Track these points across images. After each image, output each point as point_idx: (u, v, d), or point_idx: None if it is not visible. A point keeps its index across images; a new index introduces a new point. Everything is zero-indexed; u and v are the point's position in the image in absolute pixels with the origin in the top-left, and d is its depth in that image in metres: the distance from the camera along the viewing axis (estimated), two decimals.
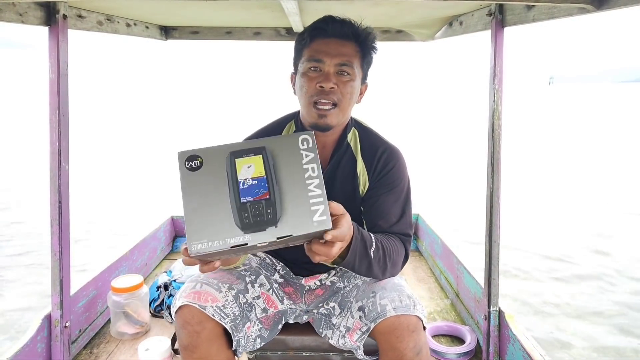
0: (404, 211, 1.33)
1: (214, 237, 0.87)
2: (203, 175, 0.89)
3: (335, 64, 1.24)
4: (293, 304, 1.43)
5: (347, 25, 1.28)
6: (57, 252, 1.65)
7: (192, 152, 0.90)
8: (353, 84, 1.27)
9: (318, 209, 0.91)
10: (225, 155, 0.90)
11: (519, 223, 5.40)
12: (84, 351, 1.99)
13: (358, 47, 1.28)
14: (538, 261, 4.42)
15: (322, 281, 1.48)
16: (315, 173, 0.92)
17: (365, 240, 1.15)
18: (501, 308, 1.82)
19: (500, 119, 1.71)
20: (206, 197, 0.89)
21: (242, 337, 1.25)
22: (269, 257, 1.51)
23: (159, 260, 2.95)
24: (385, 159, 1.35)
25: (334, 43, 1.26)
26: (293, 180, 0.91)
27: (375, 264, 1.19)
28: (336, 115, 1.26)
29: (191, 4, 1.73)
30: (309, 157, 0.93)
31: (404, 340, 1.15)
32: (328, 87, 1.23)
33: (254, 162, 0.90)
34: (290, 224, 0.89)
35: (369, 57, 1.32)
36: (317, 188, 0.92)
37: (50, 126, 1.60)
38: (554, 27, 62.11)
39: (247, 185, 0.89)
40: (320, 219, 0.90)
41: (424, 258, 3.05)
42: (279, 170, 0.91)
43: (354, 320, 1.26)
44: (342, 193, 1.36)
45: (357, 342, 1.24)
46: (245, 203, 0.88)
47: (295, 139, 0.94)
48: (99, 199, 6.46)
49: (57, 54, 1.57)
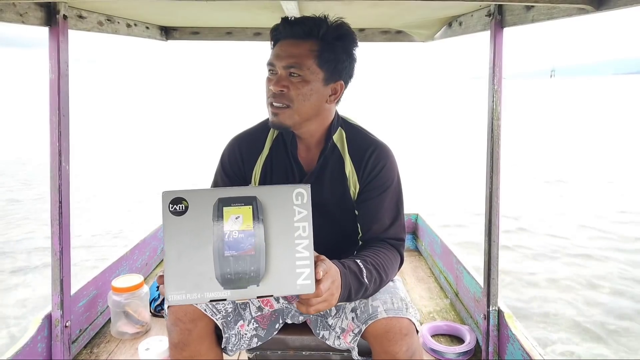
0: (398, 212, 1.31)
1: (193, 290, 0.84)
2: (187, 220, 0.84)
3: (283, 66, 1.21)
4: (289, 303, 1.43)
5: (301, 24, 1.22)
6: (57, 252, 1.65)
7: (178, 195, 0.85)
8: (307, 85, 1.22)
9: (303, 272, 0.87)
10: (212, 201, 0.85)
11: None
12: (84, 351, 1.99)
13: (316, 45, 1.22)
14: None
15: None
16: (305, 233, 0.88)
17: (355, 271, 1.13)
18: (500, 308, 1.83)
19: (499, 119, 1.71)
20: (189, 245, 0.84)
21: (232, 334, 1.25)
22: None
23: (159, 260, 2.95)
24: (375, 159, 1.31)
25: (286, 45, 1.23)
26: (282, 238, 0.87)
27: (371, 286, 1.17)
28: (290, 115, 1.23)
29: (191, 4, 1.73)
30: (301, 214, 0.88)
31: (397, 343, 1.15)
32: (276, 89, 1.21)
33: (243, 214, 0.85)
34: (272, 284, 0.86)
35: (329, 53, 1.23)
36: (306, 250, 0.88)
37: (51, 126, 1.60)
38: (554, 20, 63.18)
39: (232, 238, 0.84)
40: (303, 283, 0.87)
41: (424, 258, 3.05)
42: (269, 226, 0.86)
43: (347, 321, 1.26)
44: (331, 196, 1.33)
45: (351, 343, 1.24)
46: (228, 257, 0.84)
47: (290, 192, 0.89)
48: (99, 199, 6.46)
49: (57, 54, 1.58)
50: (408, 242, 3.24)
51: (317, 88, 1.23)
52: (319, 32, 1.22)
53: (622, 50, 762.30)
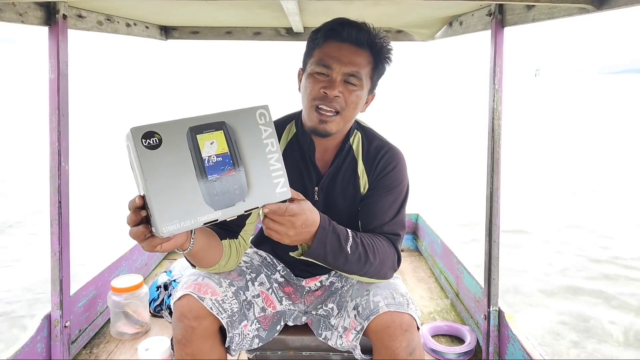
0: (399, 212, 1.32)
1: (185, 217, 0.85)
2: (163, 153, 0.84)
3: (344, 72, 1.20)
4: (292, 305, 1.42)
5: (364, 32, 1.22)
6: (57, 252, 1.65)
7: (149, 129, 0.83)
8: (359, 94, 1.23)
9: (279, 181, 0.94)
10: (184, 131, 0.86)
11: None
12: (84, 351, 1.99)
13: (371, 57, 1.24)
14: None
15: (322, 282, 1.48)
16: (274, 147, 0.94)
17: (339, 234, 1.14)
18: (501, 308, 1.82)
19: (500, 118, 1.71)
20: (170, 176, 0.84)
21: (236, 334, 1.24)
22: (270, 257, 1.51)
23: (158, 260, 2.95)
24: (386, 160, 1.33)
25: (346, 49, 1.21)
26: (255, 154, 0.91)
27: (353, 259, 1.17)
28: (337, 122, 1.23)
29: (191, 4, 1.73)
30: (267, 131, 0.93)
31: (397, 339, 1.14)
32: (332, 95, 1.19)
33: (216, 138, 0.88)
34: (256, 197, 0.91)
35: (381, 68, 1.27)
36: (277, 162, 0.94)
37: (50, 126, 1.60)
38: (555, 20, 62.96)
39: (212, 163, 0.87)
40: (282, 190, 0.94)
41: (424, 258, 3.05)
42: (241, 145, 0.90)
43: (350, 319, 1.26)
44: (342, 197, 1.34)
45: (353, 341, 1.23)
46: (212, 180, 0.87)
47: (253, 114, 0.92)
48: (99, 199, 6.46)
49: (57, 54, 1.57)
50: (408, 242, 3.24)
51: (364, 97, 1.26)
52: (376, 45, 1.23)
53: (606, 51, 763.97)
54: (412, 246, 3.23)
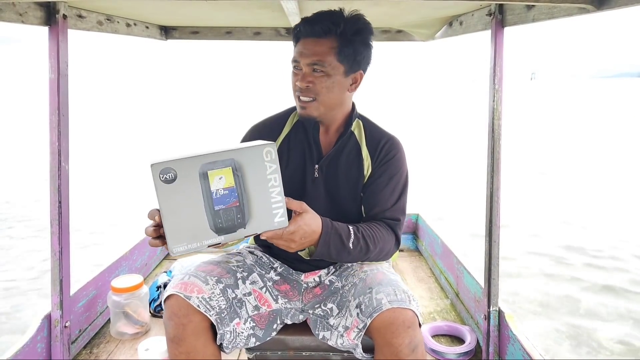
0: (399, 198, 1.41)
1: (193, 240, 1.00)
2: (178, 186, 0.98)
3: (307, 63, 1.33)
4: (288, 303, 1.42)
5: (321, 22, 1.32)
6: (57, 252, 1.65)
7: (165, 166, 0.97)
8: (329, 79, 1.34)
9: (278, 212, 1.07)
10: (197, 167, 0.99)
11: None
12: (84, 351, 1.99)
13: (335, 42, 1.32)
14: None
15: (321, 278, 1.48)
16: (277, 182, 1.06)
17: (341, 233, 1.25)
18: (501, 308, 1.82)
19: (500, 118, 1.71)
20: (182, 206, 0.98)
21: (228, 331, 1.25)
22: (266, 256, 1.51)
23: (158, 260, 2.95)
24: (388, 148, 1.43)
25: (308, 43, 1.34)
26: (258, 188, 1.04)
27: (356, 252, 1.28)
28: (316, 107, 1.36)
29: (191, 4, 1.73)
30: (272, 168, 1.05)
31: (400, 336, 1.15)
32: (303, 85, 1.33)
33: (225, 174, 1.01)
34: (255, 225, 1.05)
35: (348, 48, 1.34)
36: (278, 195, 1.06)
37: (50, 126, 1.60)
38: (555, 20, 62.65)
39: (219, 195, 1.01)
40: (280, 220, 1.08)
41: (424, 258, 3.04)
42: (246, 181, 1.03)
43: (352, 318, 1.26)
44: (345, 178, 1.43)
45: (355, 340, 1.24)
46: (218, 210, 1.01)
47: (260, 152, 1.04)
48: (99, 199, 6.46)
49: (57, 54, 1.57)
50: (408, 242, 3.24)
51: (339, 80, 1.36)
52: (337, 30, 1.32)
53: (601, 55, 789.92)
54: (412, 246, 3.23)
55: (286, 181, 1.15)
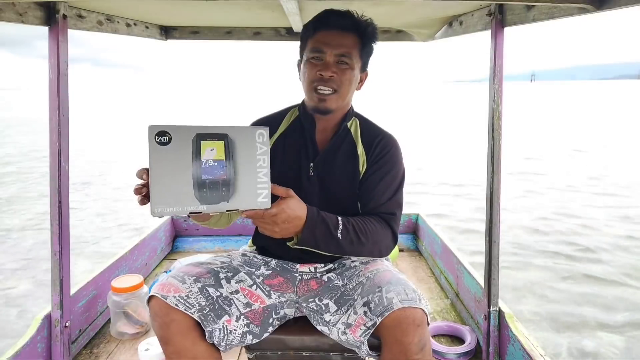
0: (395, 194, 1.41)
1: (175, 204, 1.01)
2: (170, 150, 1.00)
3: (335, 54, 1.33)
4: (282, 295, 1.42)
5: (348, 17, 1.36)
6: (57, 252, 1.65)
7: (163, 128, 1.00)
8: (352, 72, 1.36)
9: (262, 192, 1.08)
10: (192, 136, 1.01)
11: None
12: (84, 351, 1.99)
13: (358, 38, 1.37)
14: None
15: (317, 270, 1.48)
16: (265, 164, 1.08)
17: (328, 223, 1.24)
18: (501, 308, 1.82)
19: (500, 119, 1.71)
20: (171, 169, 1.00)
21: (217, 329, 1.25)
22: (259, 257, 1.52)
23: (159, 260, 2.95)
24: (384, 144, 1.44)
25: (335, 35, 1.34)
26: (247, 166, 1.06)
27: (345, 243, 1.27)
28: (335, 100, 1.36)
29: (191, 4, 1.73)
30: (262, 149, 1.07)
31: (410, 334, 1.16)
32: (327, 75, 1.32)
33: (217, 147, 1.03)
34: (238, 201, 1.06)
35: (368, 47, 1.40)
36: (265, 176, 1.08)
37: (50, 126, 1.60)
38: (555, 20, 62.54)
39: (208, 166, 1.03)
40: (262, 200, 1.09)
41: (424, 258, 3.05)
42: (236, 157, 1.05)
43: (356, 316, 1.26)
44: (340, 173, 1.43)
45: (361, 337, 1.23)
46: (205, 180, 1.02)
47: (254, 132, 1.07)
48: (99, 199, 6.46)
49: (57, 54, 1.57)
50: (408, 242, 3.24)
51: (356, 75, 1.39)
52: (360, 28, 1.37)
53: (600, 57, 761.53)
54: (412, 246, 3.23)
55: (281, 178, 1.17)
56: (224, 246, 3.19)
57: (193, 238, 3.22)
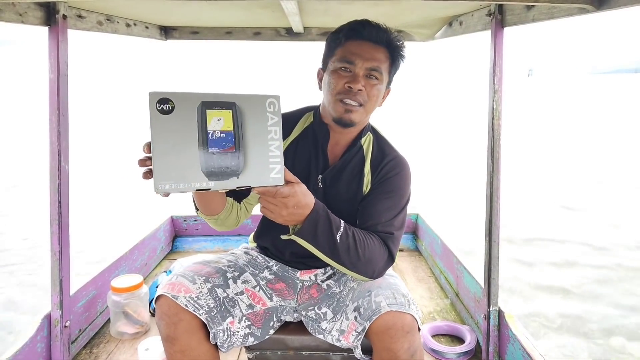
0: (395, 217, 1.34)
1: (180, 180, 0.91)
2: (173, 119, 0.91)
3: (367, 67, 1.28)
4: (282, 301, 1.43)
5: (382, 30, 1.31)
6: (57, 252, 1.65)
7: (164, 95, 0.90)
8: (379, 87, 1.31)
9: (275, 167, 0.98)
10: (196, 104, 0.92)
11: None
12: (84, 351, 1.99)
13: (389, 52, 1.32)
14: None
15: (317, 277, 1.48)
16: (277, 136, 0.98)
17: (331, 221, 1.18)
18: (501, 308, 1.82)
19: (500, 118, 1.71)
20: (175, 141, 0.91)
21: (221, 330, 1.25)
22: (262, 257, 1.51)
23: (158, 260, 2.95)
24: (391, 166, 1.39)
25: (367, 46, 1.29)
26: (257, 138, 0.97)
27: (341, 249, 1.20)
28: (360, 113, 1.31)
29: (191, 4, 1.73)
30: (273, 120, 0.98)
31: (398, 340, 1.15)
32: (356, 88, 1.27)
33: (224, 116, 0.94)
34: (249, 177, 0.96)
35: (397, 63, 1.36)
36: (277, 149, 0.98)
37: (50, 126, 1.60)
38: (555, 20, 62.04)
39: (215, 137, 0.93)
40: (276, 176, 0.99)
41: (424, 258, 3.05)
42: (246, 128, 0.96)
43: (348, 322, 1.25)
44: (346, 191, 1.39)
45: (354, 342, 1.24)
46: (212, 153, 0.93)
47: (264, 101, 0.97)
48: (98, 199, 6.46)
49: (57, 54, 1.57)
50: (408, 242, 3.24)
51: (382, 91, 1.34)
52: (392, 43, 1.32)
53: (597, 51, 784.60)
54: (412, 246, 3.23)
55: None
56: (224, 246, 3.19)
57: (193, 238, 3.22)
